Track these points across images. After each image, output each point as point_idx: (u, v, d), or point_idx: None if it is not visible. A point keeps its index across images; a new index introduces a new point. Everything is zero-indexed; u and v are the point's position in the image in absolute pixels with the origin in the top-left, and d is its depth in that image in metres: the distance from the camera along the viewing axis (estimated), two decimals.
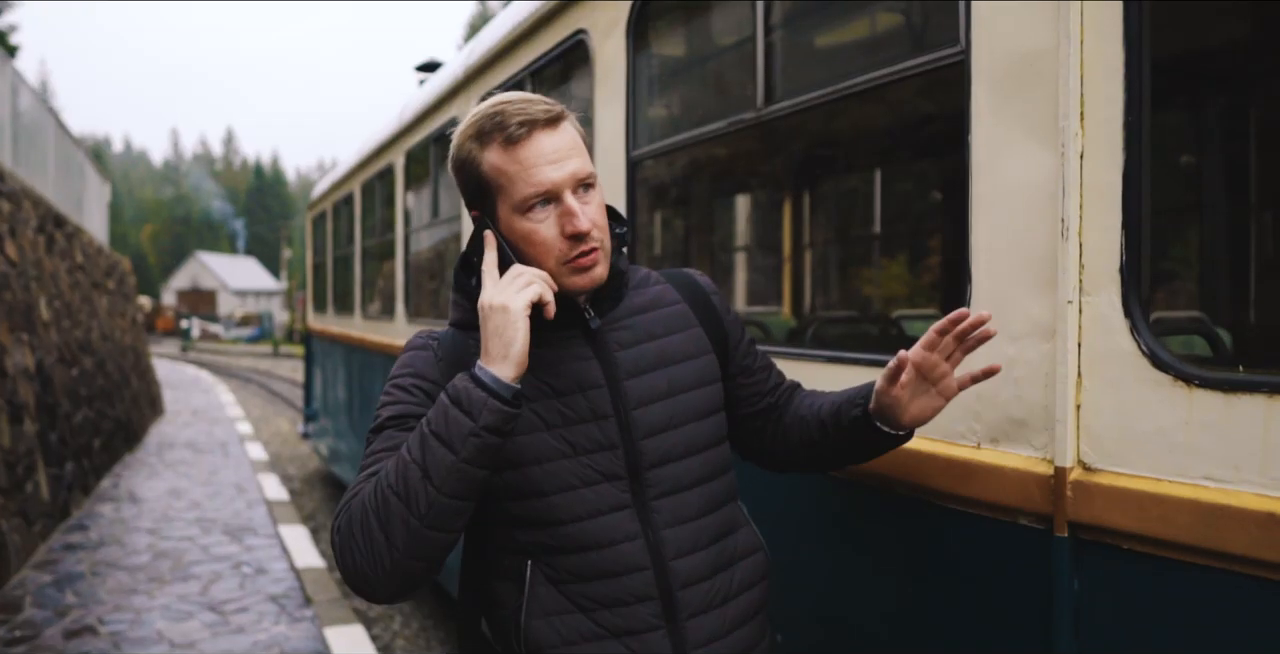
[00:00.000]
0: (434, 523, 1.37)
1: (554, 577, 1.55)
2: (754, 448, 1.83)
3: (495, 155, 1.50)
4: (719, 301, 1.77)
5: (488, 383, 1.38)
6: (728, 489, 1.68)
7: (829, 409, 1.69)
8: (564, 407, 1.56)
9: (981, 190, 1.73)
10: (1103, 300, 1.50)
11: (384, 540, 1.38)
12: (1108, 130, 1.49)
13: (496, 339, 1.41)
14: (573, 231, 1.48)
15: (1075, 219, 1.53)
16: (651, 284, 1.72)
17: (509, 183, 1.49)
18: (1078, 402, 1.54)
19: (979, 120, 1.73)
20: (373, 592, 1.41)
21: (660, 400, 1.60)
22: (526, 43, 4.03)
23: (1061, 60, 1.54)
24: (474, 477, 1.38)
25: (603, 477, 1.54)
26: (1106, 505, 1.47)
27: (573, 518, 1.53)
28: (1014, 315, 1.66)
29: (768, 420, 1.79)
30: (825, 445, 1.70)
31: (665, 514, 1.57)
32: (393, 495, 1.38)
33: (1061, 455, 1.55)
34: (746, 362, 1.78)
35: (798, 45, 2.75)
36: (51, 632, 5.73)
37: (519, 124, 1.48)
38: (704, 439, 1.64)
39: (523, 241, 1.51)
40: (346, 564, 1.41)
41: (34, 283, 9.27)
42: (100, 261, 14.67)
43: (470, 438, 1.36)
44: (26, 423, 7.90)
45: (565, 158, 1.49)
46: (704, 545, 1.59)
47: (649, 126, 3.22)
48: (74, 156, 15.20)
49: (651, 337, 1.64)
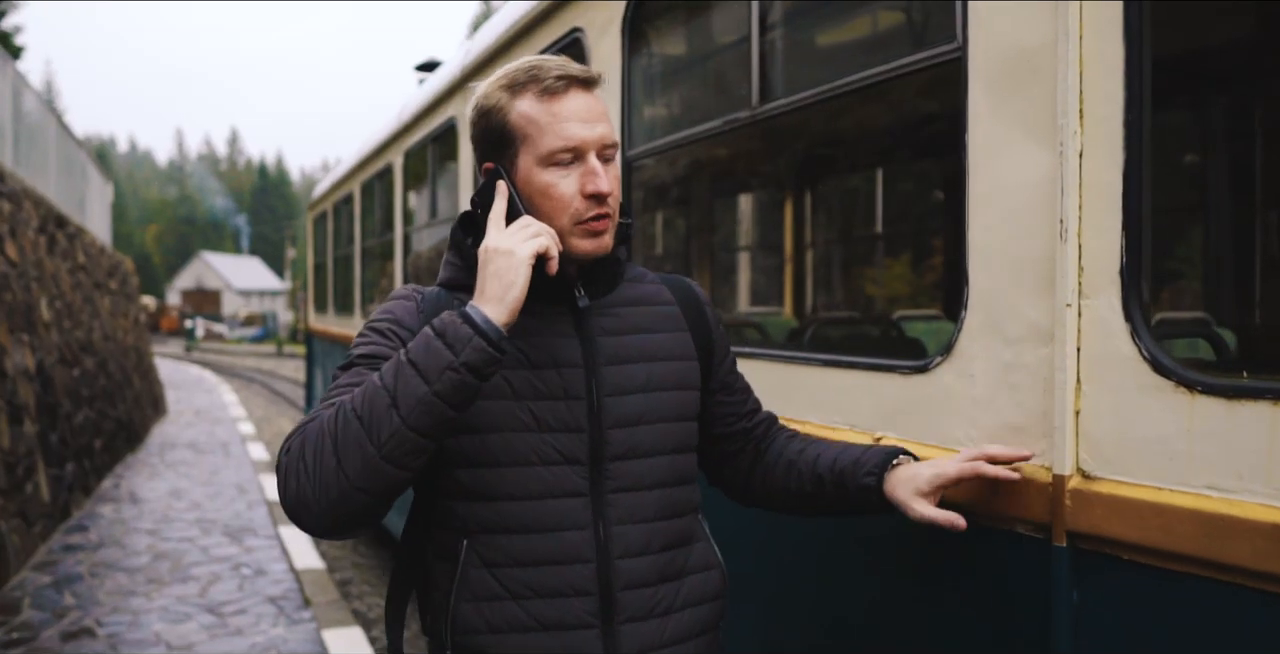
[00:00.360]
0: (390, 454, 1.32)
1: (489, 559, 1.51)
2: (725, 475, 1.81)
3: (528, 104, 1.48)
4: (712, 313, 1.74)
5: (477, 320, 1.34)
6: (689, 499, 1.64)
7: (828, 465, 1.65)
8: (537, 380, 1.52)
9: (978, 190, 1.69)
10: (1102, 303, 1.46)
11: (335, 464, 1.32)
12: (1107, 129, 1.45)
13: (495, 281, 1.38)
14: (594, 191, 1.47)
15: (1074, 220, 1.49)
16: (647, 282, 1.70)
17: (538, 133, 1.48)
18: (1077, 407, 1.50)
19: (976, 119, 1.69)
20: (311, 519, 1.35)
21: (636, 393, 1.57)
22: (523, 42, 3.99)
23: (1060, 58, 1.50)
24: (441, 414, 1.33)
25: (563, 458, 1.51)
26: (1106, 515, 1.43)
27: (524, 495, 1.50)
28: (1011, 319, 1.62)
29: (742, 448, 1.77)
30: (816, 500, 1.69)
31: (620, 509, 1.53)
32: (355, 419, 1.32)
33: (1060, 463, 1.51)
34: (729, 379, 1.75)
35: (793, 44, 2.71)
36: (49, 634, 5.71)
37: (557, 77, 1.48)
38: (673, 442, 1.60)
39: (539, 195, 1.50)
40: (289, 488, 1.35)
41: (34, 283, 9.25)
42: (102, 262, 14.66)
43: (448, 372, 1.31)
44: (26, 424, 7.88)
45: (597, 120, 1.49)
46: (654, 550, 1.55)
47: (645, 126, 3.18)
48: (76, 157, 15.20)
49: (638, 330, 1.61)
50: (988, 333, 1.68)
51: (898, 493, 1.56)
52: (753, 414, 1.78)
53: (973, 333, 1.71)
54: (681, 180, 4.19)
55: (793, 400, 2.23)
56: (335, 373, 1.50)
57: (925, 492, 1.54)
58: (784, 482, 1.70)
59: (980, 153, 1.68)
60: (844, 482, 1.62)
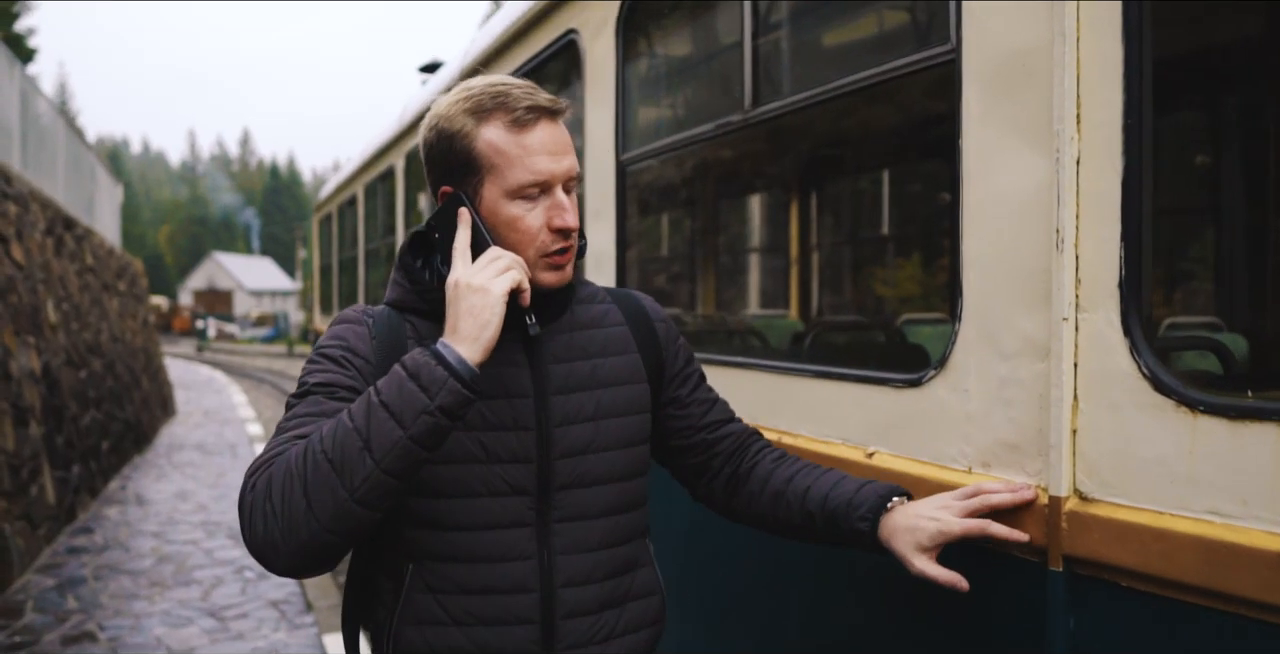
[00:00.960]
0: (364, 498, 1.28)
1: (434, 585, 1.50)
2: (702, 493, 1.78)
3: (495, 133, 1.45)
4: (664, 330, 1.70)
5: (452, 362, 1.30)
6: (637, 525, 1.63)
7: (818, 502, 1.60)
8: (487, 410, 1.49)
9: (972, 198, 1.62)
10: (1100, 317, 1.39)
11: (304, 508, 1.28)
12: (1105, 134, 1.38)
13: (470, 319, 1.34)
14: (561, 226, 1.46)
15: (1071, 230, 1.42)
16: (598, 301, 1.66)
17: (506, 165, 1.45)
18: (1074, 426, 1.43)
19: (970, 124, 1.62)
20: (278, 561, 1.32)
21: (584, 422, 1.54)
22: (520, 43, 3.94)
23: (1056, 60, 1.44)
24: (416, 457, 1.30)
25: (511, 490, 1.49)
26: (1104, 539, 1.37)
27: (469, 526, 1.48)
28: (1007, 332, 1.56)
29: (707, 463, 1.73)
30: (805, 533, 1.65)
31: (565, 539, 1.52)
32: (325, 462, 1.28)
33: (1056, 484, 1.44)
34: (679, 392, 1.71)
35: (787, 46, 2.65)
36: (50, 637, 5.69)
37: (528, 108, 1.45)
38: (621, 469, 1.58)
39: (505, 226, 1.47)
40: (256, 530, 1.31)
41: (41, 285, 9.25)
42: (111, 263, 14.67)
43: (424, 416, 1.28)
44: (32, 426, 7.87)
45: (564, 152, 1.48)
46: (598, 579, 1.55)
47: (639, 129, 3.12)
48: (85, 159, 15.22)
49: (587, 355, 1.58)
50: (983, 346, 1.61)
51: (895, 544, 1.51)
52: (715, 426, 1.73)
53: (967, 346, 1.65)
54: (680, 183, 4.13)
55: (784, 412, 2.17)
56: (290, 401, 1.46)
57: (927, 547, 1.49)
58: (771, 511, 1.67)
59: (974, 159, 1.62)
60: (835, 522, 1.58)
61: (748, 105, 2.35)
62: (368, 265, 8.40)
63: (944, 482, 1.66)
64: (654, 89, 3.34)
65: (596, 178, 3.17)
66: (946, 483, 1.65)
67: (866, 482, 1.61)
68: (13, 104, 10.50)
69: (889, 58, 1.87)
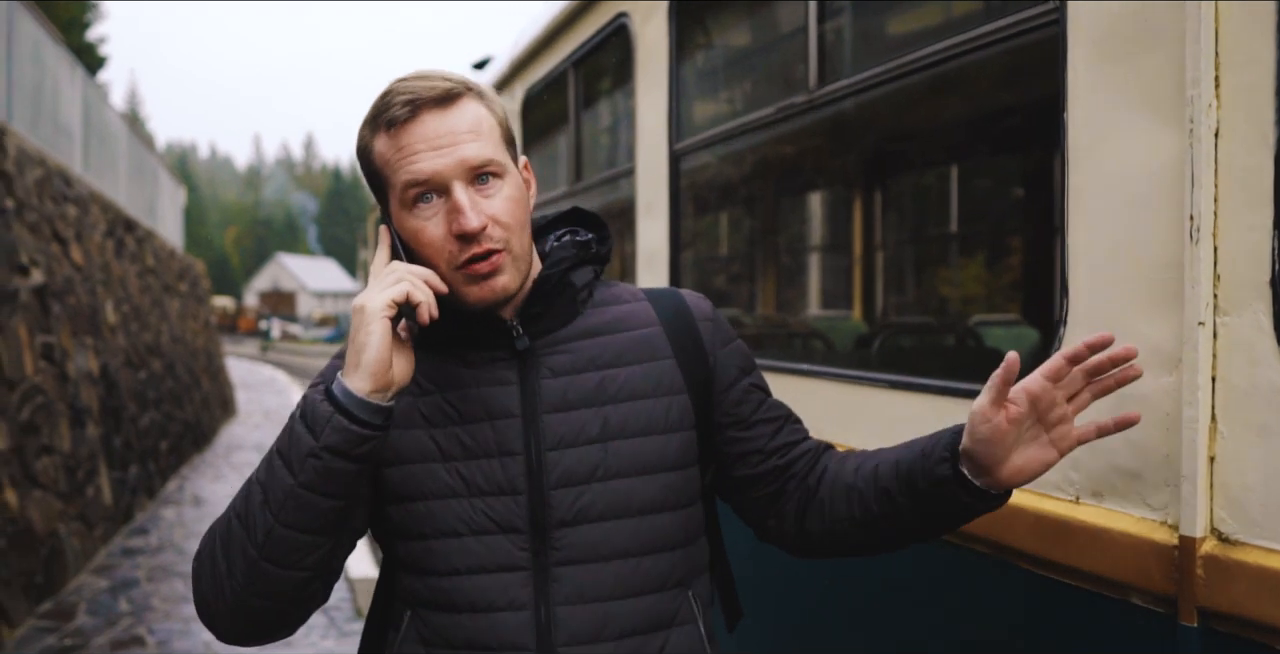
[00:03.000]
0: (271, 555, 1.17)
1: (425, 636, 1.32)
2: (772, 528, 1.45)
3: (381, 142, 1.27)
4: (709, 330, 1.42)
5: (338, 396, 1.17)
6: (670, 572, 1.32)
7: (890, 471, 1.29)
8: (466, 435, 1.29)
9: (1080, 181, 1.38)
10: (1246, 321, 1.15)
11: (225, 570, 1.20)
12: (1253, 99, 1.14)
13: (351, 345, 1.19)
14: (459, 230, 1.23)
15: (1208, 216, 1.18)
16: (622, 302, 1.41)
17: (392, 173, 1.26)
18: (1211, 453, 1.19)
19: (1077, 94, 1.38)
20: (215, 626, 1.24)
21: (586, 444, 1.29)
22: (569, 31, 3.76)
23: (1190, 12, 1.20)
24: (315, 506, 1.16)
25: (498, 527, 1.27)
26: (1251, 591, 1.13)
27: (450, 570, 1.28)
28: (1125, 338, 1.31)
29: (781, 490, 1.42)
30: (891, 520, 1.31)
31: (567, 587, 1.27)
32: (235, 519, 1.21)
33: (1189, 522, 1.20)
34: (740, 409, 1.41)
35: (856, 19, 2.42)
36: (100, 641, 5.65)
37: (403, 104, 1.24)
38: (641, 501, 1.30)
39: (413, 241, 1.27)
40: (197, 592, 1.24)
41: (100, 287, 9.32)
42: (173, 264, 14.85)
43: (309, 459, 1.15)
44: (89, 427, 7.90)
45: (455, 142, 1.24)
46: (610, 636, 1.27)
47: (693, 116, 2.91)
48: (147, 162, 15.43)
49: (594, 365, 1.33)
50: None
51: (975, 440, 1.17)
52: (787, 449, 1.42)
53: None
54: (737, 176, 3.91)
55: (853, 426, 1.94)
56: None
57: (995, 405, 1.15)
58: (846, 511, 1.34)
59: (1083, 135, 1.38)
60: (914, 484, 1.25)
61: (813, 85, 2.12)
62: None
63: (1043, 512, 1.42)
64: (709, 73, 3.13)
65: (648, 169, 2.96)
66: (1049, 514, 1.41)
67: (943, 430, 1.28)
68: (75, 108, 10.63)
69: (972, 25, 1.64)
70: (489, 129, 1.28)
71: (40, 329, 7.02)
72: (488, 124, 1.28)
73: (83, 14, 23.47)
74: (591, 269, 1.39)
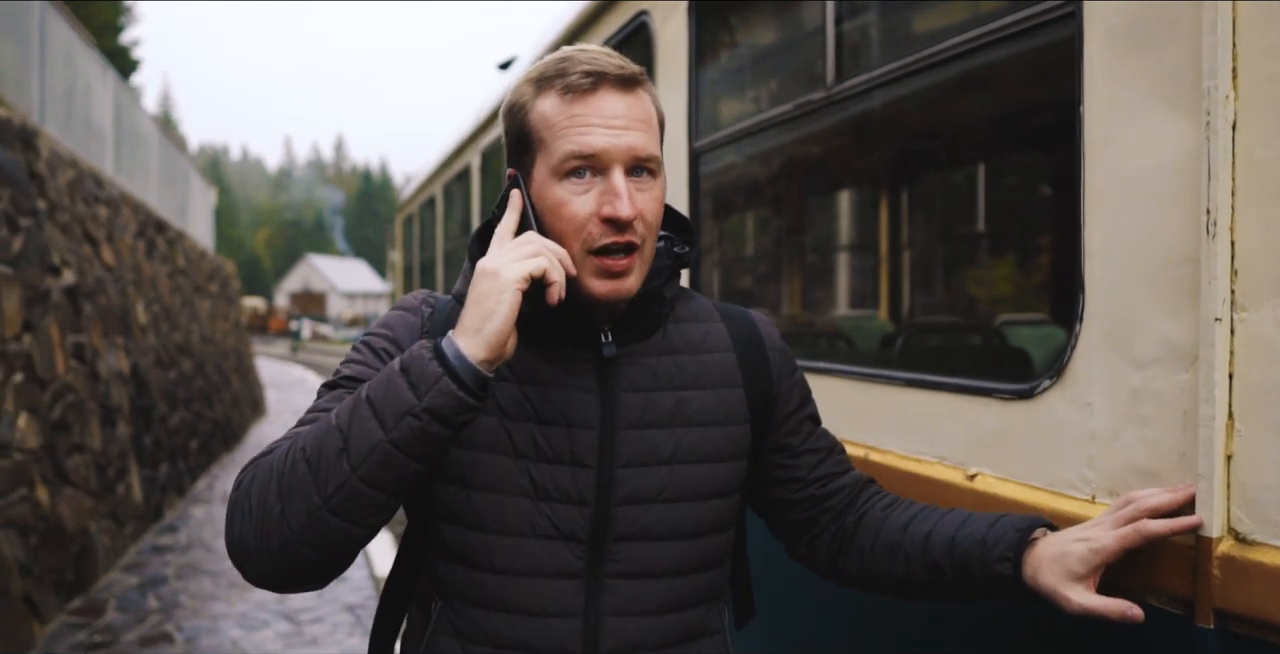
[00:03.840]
0: (338, 508, 1.10)
1: (461, 630, 1.29)
2: (803, 552, 1.49)
3: (549, 104, 1.23)
4: (778, 360, 1.42)
5: (449, 357, 1.10)
6: (710, 588, 1.36)
7: (944, 547, 1.31)
8: (541, 437, 1.27)
9: (1097, 176, 1.36)
10: (1264, 317, 1.13)
11: (278, 512, 1.12)
12: (1271, 90, 1.12)
13: (475, 307, 1.13)
14: (610, 214, 1.19)
15: (1225, 209, 1.16)
16: (703, 320, 1.39)
17: (553, 138, 1.22)
18: (1228, 451, 1.17)
19: (1093, 86, 1.36)
20: (250, 568, 1.16)
21: (657, 465, 1.29)
22: (591, 28, 3.76)
23: (1207, 1, 1.17)
24: (400, 466, 1.10)
25: (559, 534, 1.26)
26: (1269, 592, 1.10)
27: (508, 569, 1.26)
28: (1141, 336, 1.30)
29: (815, 518, 1.44)
30: (932, 589, 1.34)
31: (618, 598, 1.28)
32: (303, 462, 1.12)
33: (1207, 521, 1.17)
34: (791, 440, 1.42)
35: (875, 15, 2.40)
36: (129, 637, 5.71)
37: (584, 73, 1.21)
38: (697, 525, 1.32)
39: (550, 213, 1.23)
40: (233, 530, 1.16)
41: (131, 287, 9.42)
42: (203, 265, 15.00)
43: (408, 417, 1.09)
44: (120, 425, 7.99)
45: (629, 127, 1.21)
46: (653, 647, 1.30)
47: (712, 114, 2.90)
48: (178, 163, 15.60)
49: (674, 386, 1.32)
50: (1110, 352, 1.35)
51: (1043, 579, 1.22)
52: (827, 480, 1.44)
53: (1090, 352, 1.38)
54: (757, 175, 3.89)
55: (871, 425, 1.93)
56: (320, 392, 1.29)
57: (1081, 575, 1.20)
58: (887, 567, 1.37)
59: (1099, 128, 1.35)
60: (968, 568, 1.28)
61: (830, 81, 2.11)
62: (446, 266, 8.33)
63: (1062, 512, 1.40)
64: (729, 71, 3.11)
65: (668, 169, 2.96)
66: (1065, 513, 1.39)
67: (1000, 516, 1.31)
68: (106, 111, 10.77)
69: (988, 18, 1.62)
70: (656, 125, 1.27)
71: (71, 329, 7.12)
72: (656, 119, 1.28)
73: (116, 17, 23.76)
74: (679, 281, 1.38)
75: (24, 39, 7.93)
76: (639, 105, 1.24)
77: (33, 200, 6.66)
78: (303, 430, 1.17)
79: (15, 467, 5.59)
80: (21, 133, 6.70)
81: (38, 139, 7.09)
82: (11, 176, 6.26)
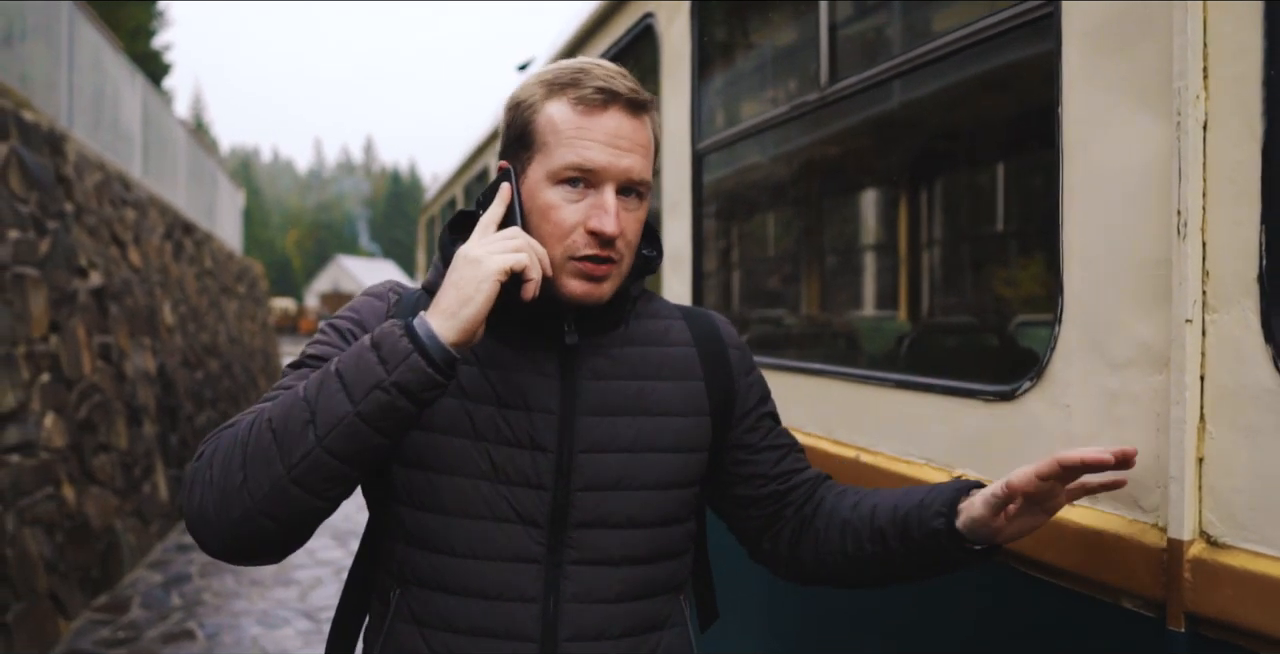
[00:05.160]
0: (302, 479, 1.12)
1: (419, 616, 1.30)
2: (766, 550, 1.50)
3: (558, 109, 1.27)
4: (737, 357, 1.46)
5: (420, 334, 1.13)
6: (670, 577, 1.38)
7: (887, 514, 1.33)
8: (502, 420, 1.29)
9: (1075, 177, 1.36)
10: (1234, 319, 1.12)
11: (240, 482, 1.13)
12: (1240, 91, 1.11)
13: (453, 291, 1.16)
14: (596, 229, 1.24)
15: (1196, 211, 1.15)
16: (665, 317, 1.44)
17: (557, 144, 1.26)
18: (1199, 454, 1.16)
19: (1071, 87, 1.36)
20: (210, 538, 1.16)
21: (617, 452, 1.31)
22: (600, 31, 3.77)
23: (1177, 2, 1.17)
24: (366, 439, 1.12)
25: (518, 517, 1.28)
26: (1239, 596, 1.09)
27: (468, 553, 1.28)
28: (1117, 338, 1.29)
29: (777, 514, 1.46)
30: (881, 562, 1.35)
31: (577, 584, 1.29)
32: (268, 432, 1.14)
33: (1177, 524, 1.17)
34: (751, 437, 1.45)
35: (866, 18, 2.40)
36: (152, 634, 5.79)
37: (599, 90, 1.26)
38: (657, 513, 1.34)
39: (538, 214, 1.27)
40: (193, 500, 1.16)
41: (158, 288, 9.55)
42: (231, 267, 15.16)
43: (376, 391, 1.11)
44: (146, 425, 8.10)
45: (631, 150, 1.27)
46: (612, 635, 1.31)
47: (715, 116, 2.91)
48: (206, 165, 15.78)
49: (635, 375, 1.35)
50: (1088, 354, 1.35)
51: (970, 517, 1.23)
52: (788, 476, 1.46)
53: (1068, 354, 1.38)
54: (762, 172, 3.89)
55: (863, 427, 1.93)
56: (284, 370, 1.31)
57: (1000, 498, 1.20)
58: (840, 545, 1.39)
59: (1076, 129, 1.35)
60: (909, 530, 1.30)
61: (824, 82, 2.11)
62: None
63: None
64: (730, 72, 3.12)
65: (673, 170, 2.97)
66: None
67: (944, 482, 1.34)
68: (134, 114, 10.92)
69: (972, 21, 1.61)
70: (652, 151, 1.32)
71: (98, 329, 7.22)
72: (653, 147, 1.32)
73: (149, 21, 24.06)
74: (643, 281, 1.41)
75: (53, 44, 8.06)
76: (642, 130, 1.29)
77: (60, 203, 6.77)
78: (267, 405, 1.19)
79: (42, 465, 5.69)
80: (49, 137, 6.81)
81: (65, 143, 7.20)
82: (39, 180, 6.36)
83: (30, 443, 5.57)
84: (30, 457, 5.55)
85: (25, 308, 5.74)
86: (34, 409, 5.68)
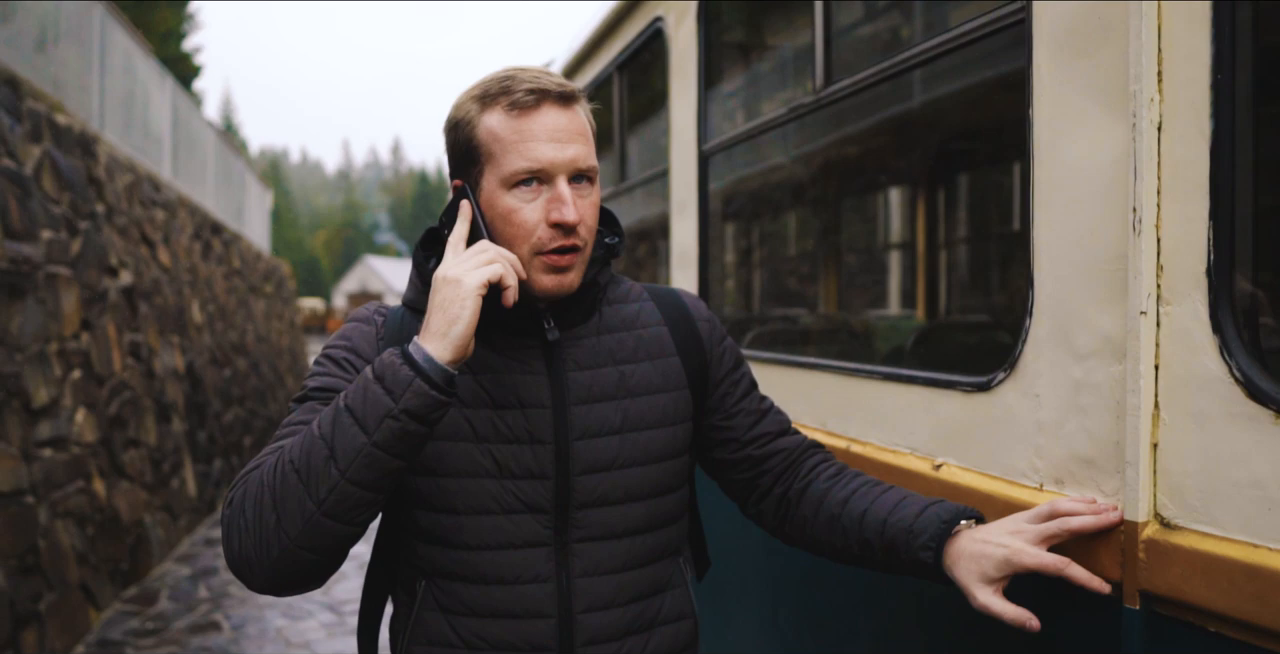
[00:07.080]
0: (333, 511, 1.19)
1: (445, 604, 1.40)
2: (752, 512, 1.62)
3: (495, 120, 1.34)
4: (707, 330, 1.55)
5: (418, 361, 1.20)
6: (667, 543, 1.48)
7: (876, 528, 1.41)
8: (499, 421, 1.38)
9: (1044, 175, 1.41)
10: (1185, 311, 1.18)
11: (274, 523, 1.20)
12: (1190, 93, 1.16)
13: (440, 313, 1.23)
14: (558, 220, 1.32)
15: (1150, 208, 1.21)
16: (632, 300, 1.53)
17: (502, 152, 1.33)
18: (1154, 439, 1.21)
19: (1040, 90, 1.41)
20: (255, 579, 1.24)
21: (609, 435, 1.41)
22: (612, 35, 3.84)
23: (1133, 9, 1.22)
24: (385, 465, 1.20)
25: (525, 507, 1.38)
26: (1188, 574, 1.15)
27: (481, 545, 1.37)
28: (1081, 329, 1.35)
29: (756, 479, 1.57)
30: (863, 562, 1.47)
31: (586, 560, 1.39)
32: (293, 473, 1.20)
33: (1133, 507, 1.22)
34: (726, 403, 1.55)
35: (859, 24, 2.45)
36: (180, 625, 5.92)
37: (528, 91, 1.33)
38: (651, 486, 1.44)
39: (501, 220, 1.35)
40: (232, 545, 1.23)
41: (187, 287, 9.72)
42: (259, 266, 15.36)
43: (387, 420, 1.18)
44: (175, 422, 8.26)
45: (569, 140, 1.34)
46: (621, 602, 1.42)
47: (720, 117, 2.97)
48: (234, 167, 15.99)
49: (615, 361, 1.44)
50: (1056, 345, 1.40)
51: (958, 572, 1.31)
52: (764, 440, 1.55)
53: (1039, 345, 1.44)
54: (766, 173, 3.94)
55: (853, 418, 1.99)
56: (290, 407, 1.40)
57: (993, 578, 1.28)
58: (826, 537, 1.49)
59: (1045, 130, 1.41)
60: (895, 552, 1.39)
61: (819, 85, 2.17)
62: None
63: (1013, 500, 1.45)
64: (735, 74, 3.18)
65: (680, 170, 3.03)
66: (1016, 502, 1.45)
67: (932, 502, 1.40)
68: (164, 117, 11.10)
69: (956, 25, 1.67)
70: (591, 137, 1.39)
71: (128, 328, 7.38)
72: (591, 132, 1.39)
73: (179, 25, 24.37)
74: (609, 268, 1.49)
75: (85, 48, 8.23)
76: (577, 119, 1.36)
77: (91, 204, 6.92)
78: (285, 444, 1.27)
79: (73, 460, 5.83)
80: (81, 139, 6.97)
81: (96, 145, 7.36)
82: (71, 181, 6.52)
83: (62, 438, 5.71)
84: (62, 451, 5.69)
85: (57, 306, 5.89)
86: (66, 405, 5.82)
